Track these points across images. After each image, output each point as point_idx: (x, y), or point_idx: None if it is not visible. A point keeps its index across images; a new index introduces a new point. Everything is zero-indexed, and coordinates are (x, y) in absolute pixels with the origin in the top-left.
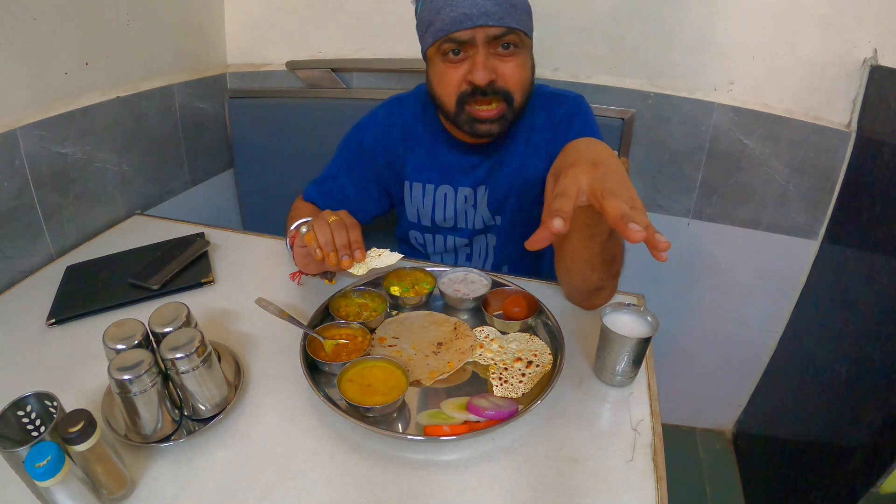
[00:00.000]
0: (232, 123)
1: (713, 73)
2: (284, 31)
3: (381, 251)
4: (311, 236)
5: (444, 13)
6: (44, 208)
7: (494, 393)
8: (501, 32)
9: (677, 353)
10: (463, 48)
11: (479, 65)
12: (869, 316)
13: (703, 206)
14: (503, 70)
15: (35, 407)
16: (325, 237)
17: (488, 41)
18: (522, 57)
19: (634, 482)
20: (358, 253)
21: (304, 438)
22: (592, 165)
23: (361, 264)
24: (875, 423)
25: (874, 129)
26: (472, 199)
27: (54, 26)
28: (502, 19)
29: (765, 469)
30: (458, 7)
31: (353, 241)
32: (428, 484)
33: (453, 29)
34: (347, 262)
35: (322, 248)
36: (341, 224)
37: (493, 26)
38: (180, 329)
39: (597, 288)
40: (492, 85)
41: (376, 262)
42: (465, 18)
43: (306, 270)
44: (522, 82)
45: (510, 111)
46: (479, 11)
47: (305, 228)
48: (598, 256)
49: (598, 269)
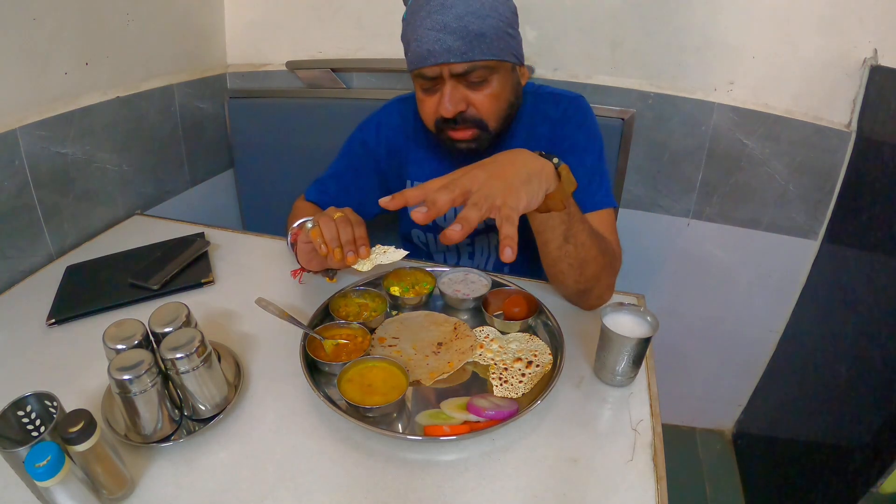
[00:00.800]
0: (232, 123)
1: (713, 73)
2: (284, 31)
3: (387, 248)
4: (316, 232)
5: (413, 47)
6: (44, 208)
7: (494, 393)
8: (466, 69)
9: (677, 353)
10: (433, 81)
11: (446, 98)
12: (869, 316)
13: (703, 206)
14: (474, 99)
15: (35, 407)
16: (331, 233)
17: (455, 75)
18: (496, 84)
19: (634, 482)
20: (363, 249)
21: (304, 438)
22: (489, 176)
23: (366, 261)
24: (875, 423)
25: (874, 129)
26: None
27: (54, 26)
28: (465, 54)
29: (765, 469)
30: (423, 43)
31: (358, 237)
32: (428, 484)
33: (420, 65)
34: (352, 259)
35: (327, 243)
36: (346, 220)
37: (455, 62)
38: (180, 329)
39: (580, 291)
40: (462, 115)
41: (381, 259)
42: (428, 55)
43: (309, 267)
44: (495, 110)
45: (485, 134)
46: (441, 48)
47: (311, 224)
48: (561, 261)
49: (570, 273)
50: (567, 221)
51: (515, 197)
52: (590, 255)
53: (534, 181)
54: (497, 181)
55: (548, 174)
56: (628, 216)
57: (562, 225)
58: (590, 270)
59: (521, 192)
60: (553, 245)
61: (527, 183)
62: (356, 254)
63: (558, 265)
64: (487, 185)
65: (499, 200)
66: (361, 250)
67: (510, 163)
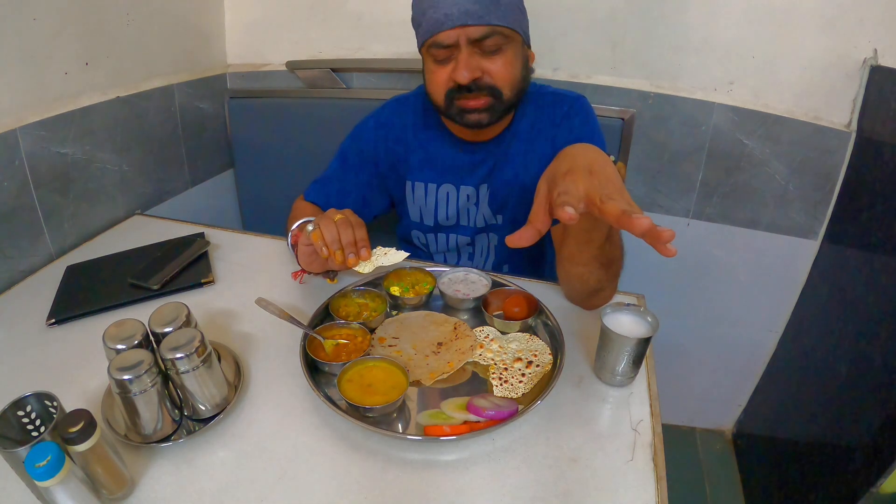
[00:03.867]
0: (232, 123)
1: (713, 73)
2: (284, 31)
3: (388, 249)
4: (317, 234)
5: (429, 15)
6: (44, 208)
7: (494, 393)
8: (483, 33)
9: (677, 353)
10: (449, 50)
11: (462, 64)
12: (869, 316)
13: (703, 206)
14: (489, 67)
15: (35, 407)
16: (332, 235)
17: (471, 42)
18: (510, 53)
19: (634, 482)
20: (364, 251)
21: (304, 438)
22: (589, 173)
23: (367, 262)
24: (875, 423)
25: (874, 129)
26: (473, 198)
27: (54, 26)
28: (482, 17)
29: (765, 469)
30: (440, 8)
31: (358, 239)
32: (428, 484)
33: (436, 30)
34: (353, 260)
35: (328, 245)
36: (347, 222)
37: (473, 25)
38: (180, 329)
39: (595, 290)
40: (477, 82)
41: (382, 261)
42: (446, 19)
43: (310, 269)
44: (510, 78)
45: (499, 103)
46: (459, 11)
47: (311, 227)
48: (595, 260)
49: (597, 272)
50: None
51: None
52: (617, 253)
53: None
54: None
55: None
56: None
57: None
58: (613, 269)
59: (624, 190)
60: (596, 244)
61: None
62: (357, 256)
63: (590, 263)
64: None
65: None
66: (362, 252)
67: (604, 163)
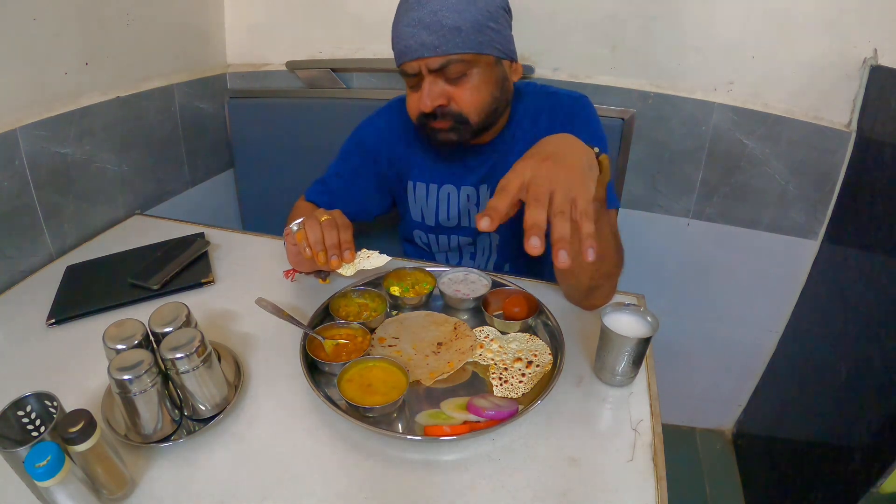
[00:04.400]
0: (232, 123)
1: (713, 73)
2: (284, 31)
3: (371, 252)
4: (301, 235)
5: (395, 45)
6: (44, 208)
7: (494, 393)
8: (442, 63)
9: (677, 353)
10: (416, 78)
11: (425, 93)
12: (869, 316)
13: (703, 206)
14: (454, 93)
15: (35, 407)
16: (316, 236)
17: (433, 71)
18: (476, 78)
19: (634, 482)
20: (347, 253)
21: (304, 438)
22: (543, 159)
23: (350, 265)
24: (875, 423)
25: (874, 129)
26: (474, 198)
27: (54, 26)
28: (438, 48)
29: (765, 469)
30: (400, 40)
31: (343, 241)
32: (428, 484)
33: (400, 62)
34: (336, 262)
35: (311, 246)
36: (332, 224)
37: (430, 57)
38: (180, 329)
39: (590, 288)
40: (441, 109)
41: (364, 264)
42: (406, 50)
43: (299, 269)
44: (476, 103)
45: (466, 127)
46: (416, 43)
47: (296, 227)
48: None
49: (587, 269)
50: (598, 213)
51: (587, 189)
52: (608, 251)
53: (593, 167)
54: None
55: (593, 162)
56: (628, 216)
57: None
58: (605, 267)
59: (589, 183)
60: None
61: (590, 169)
62: (340, 258)
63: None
64: (563, 184)
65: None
66: (346, 254)
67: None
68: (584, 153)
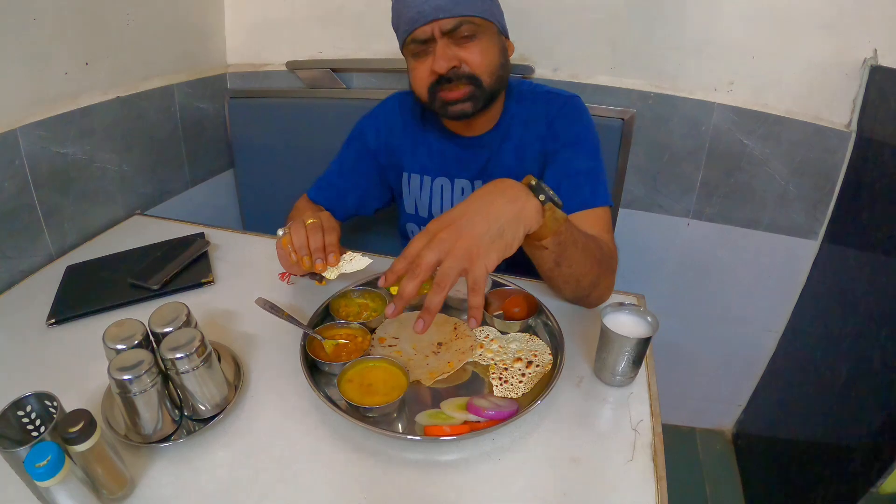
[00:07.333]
0: (232, 123)
1: (713, 73)
2: (284, 30)
3: (354, 255)
4: (286, 239)
5: (404, 15)
6: (44, 208)
7: (494, 393)
8: (455, 24)
9: (677, 353)
10: (426, 44)
11: (439, 55)
12: (869, 316)
13: (703, 206)
14: (465, 55)
15: (35, 407)
16: (300, 240)
17: (445, 33)
18: (485, 41)
19: (634, 482)
20: (331, 257)
21: (304, 438)
22: (444, 226)
23: (334, 268)
24: (875, 423)
25: (874, 129)
26: (468, 192)
27: (54, 26)
28: (451, 10)
29: (765, 469)
30: (412, 7)
31: (327, 244)
32: (428, 484)
33: (412, 28)
34: (320, 266)
35: (296, 251)
36: (317, 227)
37: (444, 18)
38: (180, 329)
39: (577, 298)
40: (455, 71)
41: (346, 267)
42: (419, 16)
43: (290, 272)
44: (487, 65)
45: (479, 91)
46: (430, 7)
47: (282, 232)
48: (555, 279)
49: (567, 287)
50: (556, 250)
51: (484, 260)
52: (583, 270)
53: (507, 232)
54: (461, 242)
55: (529, 214)
56: (628, 216)
57: (551, 254)
58: (586, 282)
59: (491, 253)
60: (545, 267)
61: (499, 237)
62: (324, 261)
63: (553, 281)
64: (454, 253)
65: (464, 264)
66: (330, 258)
67: (485, 209)
68: (503, 213)
